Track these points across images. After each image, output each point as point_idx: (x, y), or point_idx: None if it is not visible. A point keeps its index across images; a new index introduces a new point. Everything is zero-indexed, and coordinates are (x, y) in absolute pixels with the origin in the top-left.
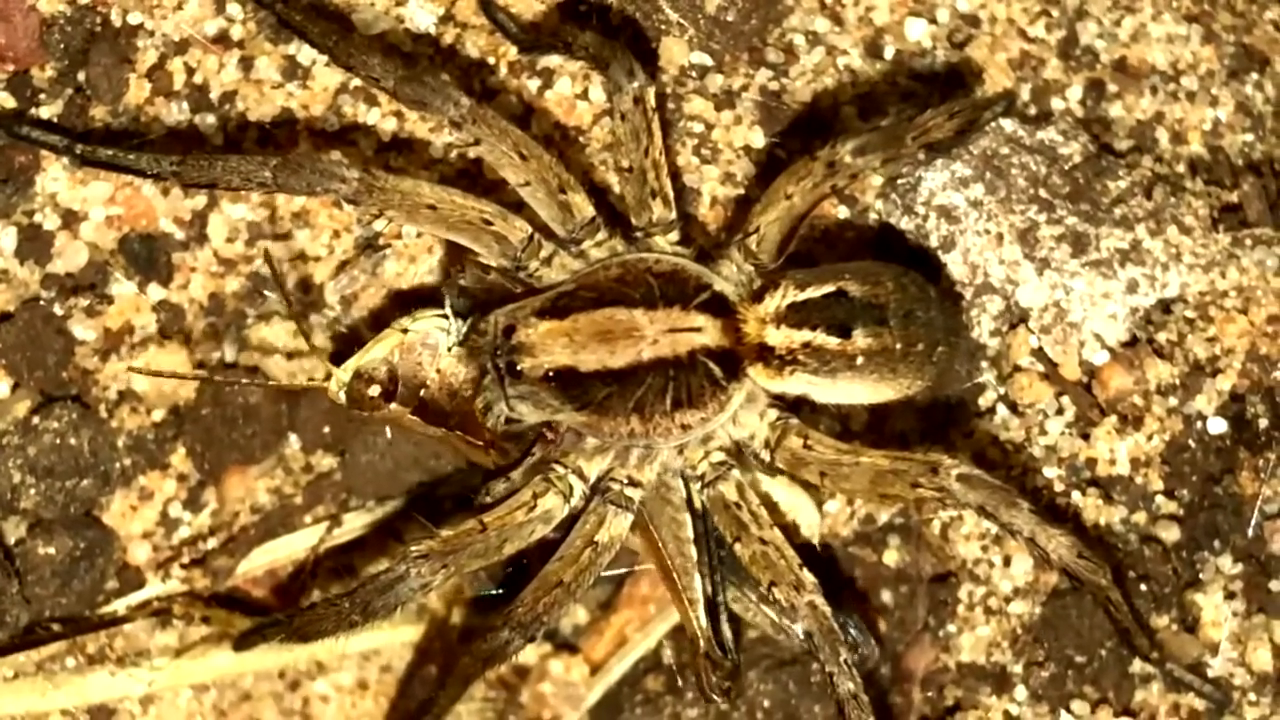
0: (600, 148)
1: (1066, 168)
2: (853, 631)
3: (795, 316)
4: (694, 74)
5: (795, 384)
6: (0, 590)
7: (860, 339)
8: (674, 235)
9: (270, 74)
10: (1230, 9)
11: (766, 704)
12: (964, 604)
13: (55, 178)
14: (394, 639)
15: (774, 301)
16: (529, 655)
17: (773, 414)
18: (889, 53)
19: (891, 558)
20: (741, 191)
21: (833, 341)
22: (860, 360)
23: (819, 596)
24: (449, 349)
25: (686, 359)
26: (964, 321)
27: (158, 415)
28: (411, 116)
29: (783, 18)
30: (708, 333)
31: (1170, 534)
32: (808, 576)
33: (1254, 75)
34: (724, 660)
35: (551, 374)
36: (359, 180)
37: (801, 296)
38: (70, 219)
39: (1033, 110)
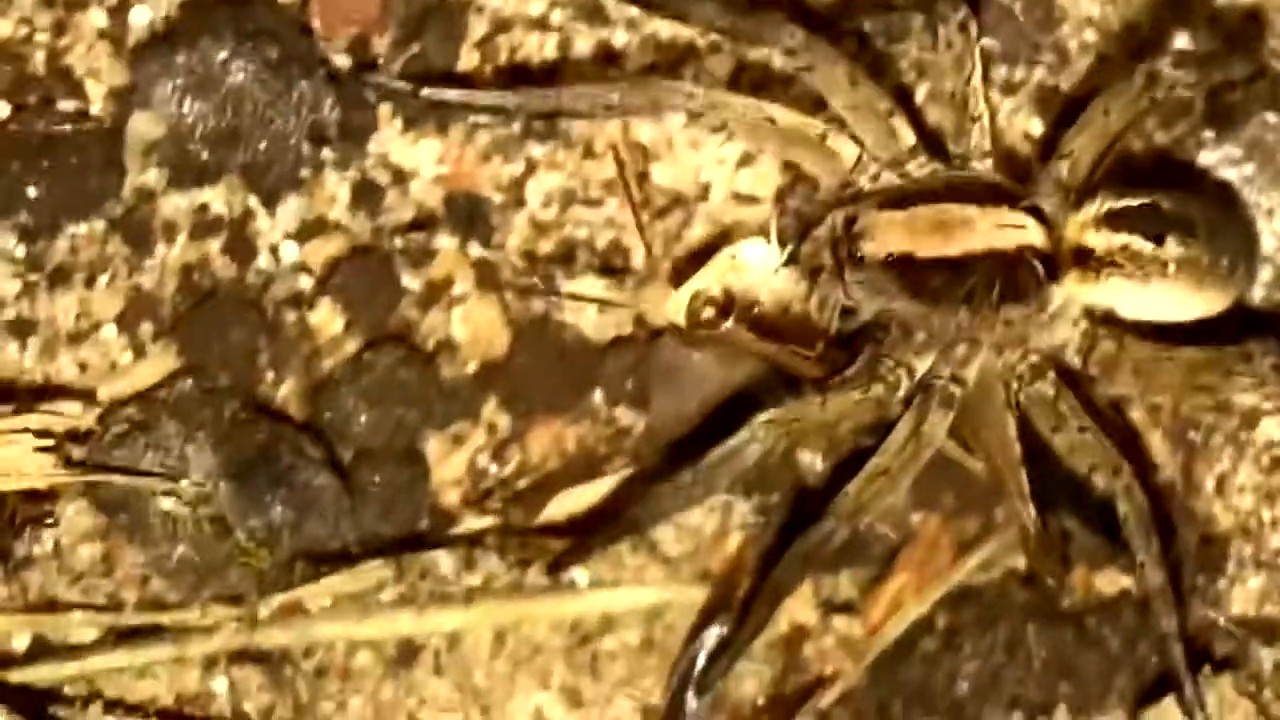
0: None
1: None
2: None
3: (1113, 222)
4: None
5: (1110, 290)
6: (336, 509)
7: (1172, 246)
8: (989, 163)
9: (584, 52)
10: None
11: (1044, 654)
12: (1233, 560)
13: (388, 138)
14: (680, 597)
15: (1093, 208)
16: (810, 615)
17: (1085, 323)
18: None
19: None
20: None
21: (1148, 246)
22: (1172, 268)
23: (1135, 481)
24: (776, 270)
25: (1014, 253)
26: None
27: (472, 367)
28: None
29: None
30: (1032, 233)
31: None
32: (1125, 464)
33: None
34: (1055, 544)
35: (891, 258)
36: (704, 94)
37: (1119, 204)
38: (400, 177)
39: None
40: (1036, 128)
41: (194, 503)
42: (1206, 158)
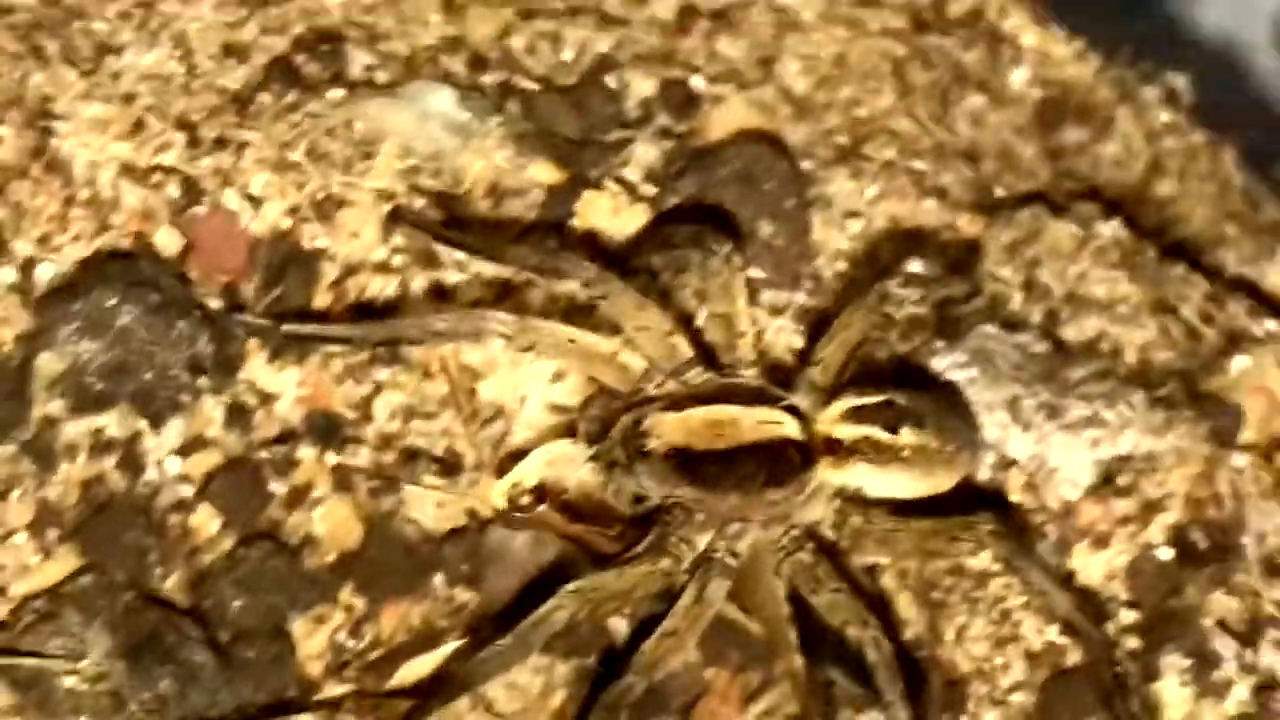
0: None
1: (1037, 358)
2: None
3: (856, 416)
4: None
5: (856, 473)
6: (215, 682)
7: (906, 435)
8: (755, 371)
9: (420, 290)
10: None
11: None
12: (972, 699)
13: (256, 366)
14: None
15: (839, 405)
16: None
17: (837, 502)
18: None
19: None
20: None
21: (885, 435)
22: (906, 453)
23: (881, 633)
24: (582, 465)
25: (775, 445)
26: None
27: (330, 557)
28: None
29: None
30: (790, 427)
31: (1132, 640)
32: (872, 618)
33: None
34: (820, 689)
35: (672, 453)
36: (515, 321)
37: (860, 402)
38: (266, 399)
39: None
40: (798, 342)
41: (93, 680)
42: (938, 363)
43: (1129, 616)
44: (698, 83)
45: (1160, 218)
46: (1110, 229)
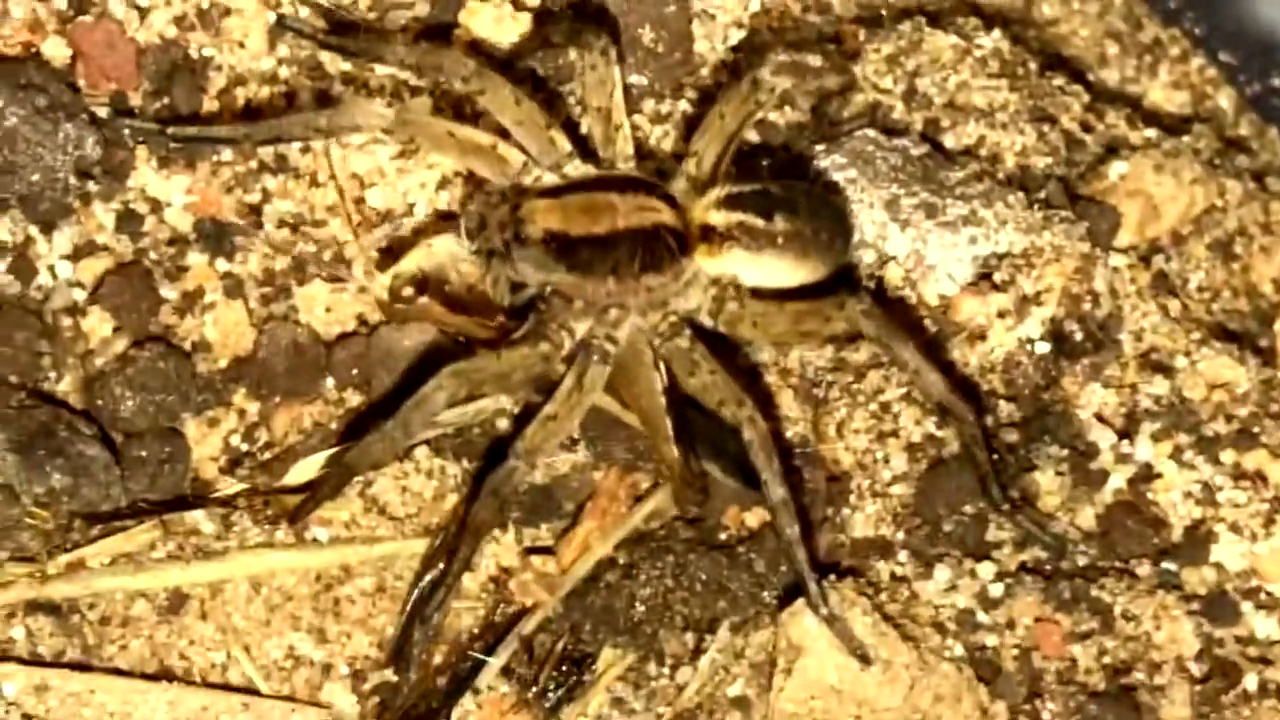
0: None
1: (916, 161)
2: None
3: (730, 203)
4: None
5: (732, 260)
6: (107, 476)
7: (780, 222)
8: (632, 164)
9: (306, 101)
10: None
11: (703, 577)
12: (854, 493)
13: (145, 173)
14: (406, 549)
15: (714, 194)
16: (514, 560)
17: (714, 290)
18: None
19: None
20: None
21: (760, 222)
22: (780, 240)
23: (756, 412)
24: (466, 256)
25: (650, 230)
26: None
27: (223, 362)
28: None
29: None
30: (665, 214)
31: (1011, 434)
32: (748, 398)
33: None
34: (695, 480)
35: (548, 238)
36: (395, 115)
37: (735, 190)
38: (156, 205)
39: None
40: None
41: None
42: (818, 164)
43: (1006, 409)
44: None
45: (1042, 37)
46: (990, 41)
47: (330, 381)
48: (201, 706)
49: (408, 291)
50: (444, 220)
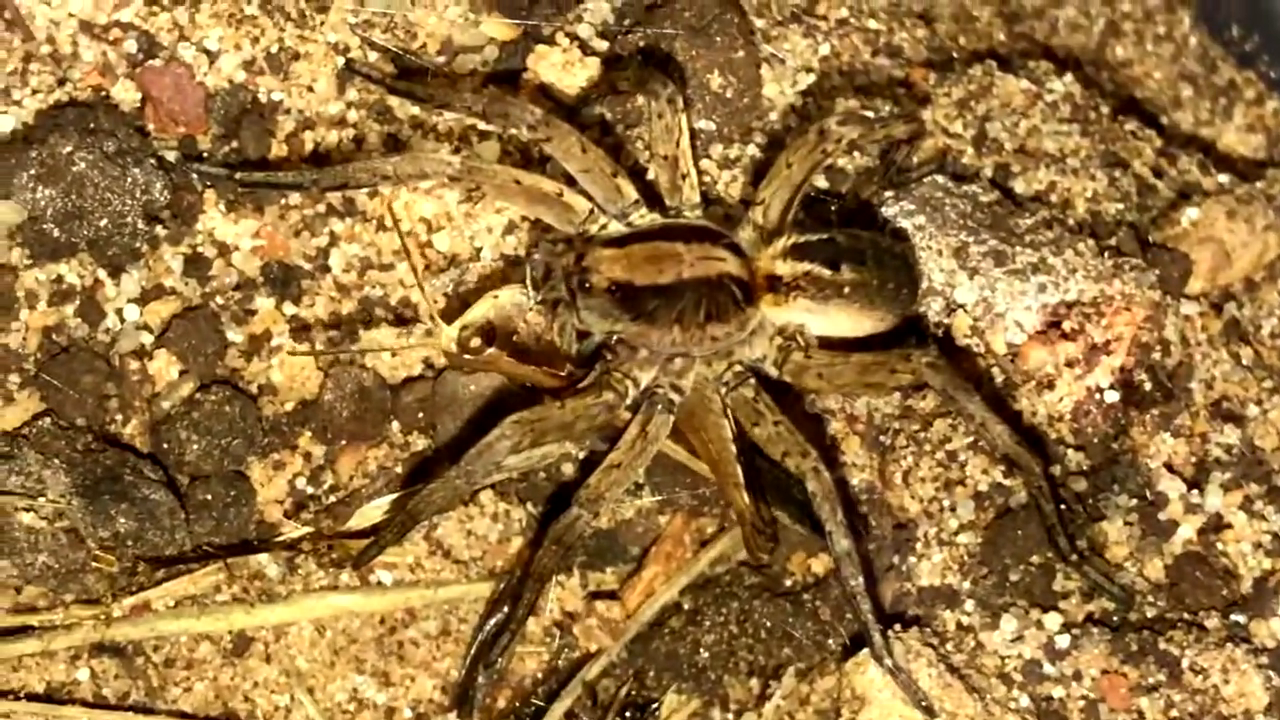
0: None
1: (986, 207)
2: None
3: (796, 253)
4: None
5: (797, 310)
6: (172, 521)
7: (846, 272)
8: (699, 212)
9: (375, 145)
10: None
11: (768, 623)
12: (921, 541)
13: (213, 217)
14: (471, 593)
15: (780, 243)
16: (578, 604)
17: (779, 339)
18: None
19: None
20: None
21: (826, 272)
22: (847, 290)
23: (821, 463)
24: (531, 306)
25: (715, 280)
26: (919, 272)
27: (289, 405)
28: None
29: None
30: (730, 264)
31: (1079, 482)
32: (812, 449)
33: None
34: (766, 527)
35: (613, 287)
36: (461, 163)
37: (801, 239)
38: (224, 249)
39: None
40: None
41: (51, 518)
42: (887, 211)
43: (1075, 459)
44: None
45: (1115, 80)
46: (1062, 85)
47: (395, 425)
48: None
49: (475, 342)
50: (510, 266)
